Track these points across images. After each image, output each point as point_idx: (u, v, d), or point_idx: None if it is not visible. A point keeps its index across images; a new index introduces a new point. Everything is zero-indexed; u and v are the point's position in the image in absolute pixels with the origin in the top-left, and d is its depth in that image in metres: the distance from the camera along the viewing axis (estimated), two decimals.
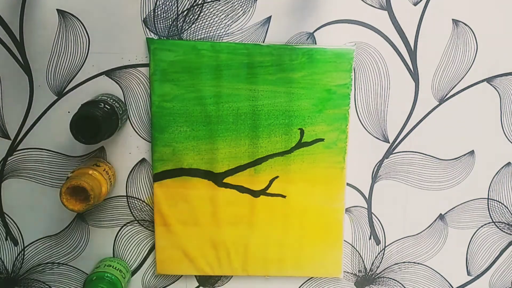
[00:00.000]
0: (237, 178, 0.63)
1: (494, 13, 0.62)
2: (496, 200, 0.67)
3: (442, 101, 0.64)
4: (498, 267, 0.69)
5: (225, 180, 0.63)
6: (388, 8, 0.61)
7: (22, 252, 0.65)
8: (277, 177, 0.63)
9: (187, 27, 0.60)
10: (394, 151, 0.65)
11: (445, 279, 0.69)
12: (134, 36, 0.59)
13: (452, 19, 0.61)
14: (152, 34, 0.59)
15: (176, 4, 0.59)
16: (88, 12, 0.59)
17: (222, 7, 0.59)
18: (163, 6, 0.59)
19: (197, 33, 0.60)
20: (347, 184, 0.65)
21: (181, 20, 0.59)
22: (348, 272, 0.68)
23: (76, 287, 0.66)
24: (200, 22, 0.60)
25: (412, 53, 0.62)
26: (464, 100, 0.64)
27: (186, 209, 0.63)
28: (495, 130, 0.65)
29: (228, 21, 0.60)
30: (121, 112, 0.58)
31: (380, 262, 0.68)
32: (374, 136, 0.64)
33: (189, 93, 0.60)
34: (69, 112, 0.61)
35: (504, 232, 0.68)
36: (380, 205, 0.66)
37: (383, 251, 0.67)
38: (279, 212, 0.64)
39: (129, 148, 0.63)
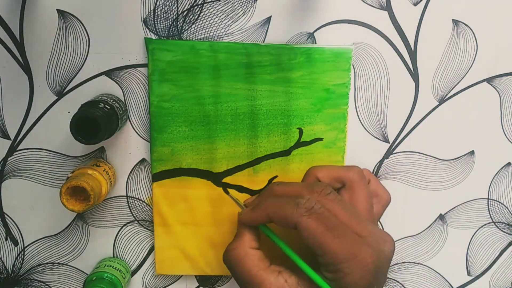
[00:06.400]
0: (236, 178, 0.63)
1: (494, 13, 0.61)
2: (496, 200, 0.67)
3: (442, 101, 0.63)
4: (498, 267, 0.69)
5: (224, 180, 0.63)
6: (388, 8, 0.60)
7: (22, 252, 0.65)
8: (276, 176, 0.63)
9: (187, 27, 0.60)
10: (394, 151, 0.64)
11: (445, 279, 0.69)
12: (134, 36, 0.60)
13: (452, 19, 0.61)
14: (152, 34, 0.59)
15: (176, 4, 0.59)
16: (88, 12, 0.59)
17: (222, 7, 0.59)
18: (163, 6, 0.59)
19: (197, 33, 0.60)
20: None
21: (181, 20, 0.59)
22: None
23: (76, 287, 0.66)
24: (200, 22, 0.60)
25: (412, 53, 0.62)
26: (464, 100, 0.64)
27: (185, 209, 0.63)
28: (495, 130, 0.65)
29: (228, 21, 0.60)
30: (121, 112, 0.58)
31: None
32: (374, 136, 0.64)
33: (187, 93, 0.60)
34: (69, 112, 0.61)
35: (504, 232, 0.68)
36: None
37: None
38: None
39: (129, 148, 0.63)
